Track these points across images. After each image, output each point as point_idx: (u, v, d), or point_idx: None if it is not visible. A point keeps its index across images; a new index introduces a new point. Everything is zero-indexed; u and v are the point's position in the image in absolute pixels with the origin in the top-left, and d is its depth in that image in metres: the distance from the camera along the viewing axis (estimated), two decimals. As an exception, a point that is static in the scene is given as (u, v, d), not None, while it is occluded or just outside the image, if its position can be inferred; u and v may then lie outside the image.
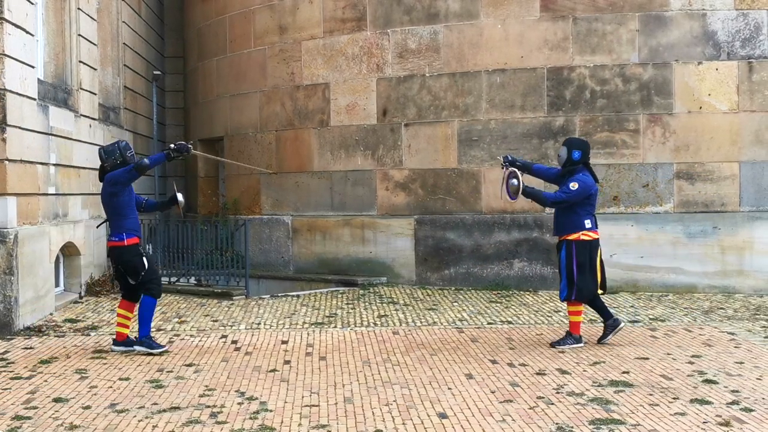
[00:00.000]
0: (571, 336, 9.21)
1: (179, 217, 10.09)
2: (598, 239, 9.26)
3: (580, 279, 9.07)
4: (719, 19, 13.20)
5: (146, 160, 9.05)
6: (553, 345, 9.15)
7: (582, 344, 9.20)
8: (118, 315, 9.27)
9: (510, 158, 9.57)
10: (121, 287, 9.40)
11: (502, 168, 9.55)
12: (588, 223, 9.16)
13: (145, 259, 9.05)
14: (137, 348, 9.05)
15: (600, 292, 9.32)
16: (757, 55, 13.16)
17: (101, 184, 9.24)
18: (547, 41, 13.57)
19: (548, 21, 13.56)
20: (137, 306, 9.31)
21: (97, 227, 12.36)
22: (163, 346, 9.15)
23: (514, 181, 9.24)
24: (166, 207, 10.17)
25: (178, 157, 9.33)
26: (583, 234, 9.12)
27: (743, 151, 13.21)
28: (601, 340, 9.39)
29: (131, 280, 9.12)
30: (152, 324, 10.76)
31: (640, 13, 13.32)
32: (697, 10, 13.22)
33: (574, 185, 9.06)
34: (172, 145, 9.23)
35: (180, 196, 9.62)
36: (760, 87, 13.15)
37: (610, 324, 9.40)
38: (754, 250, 13.12)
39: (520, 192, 9.18)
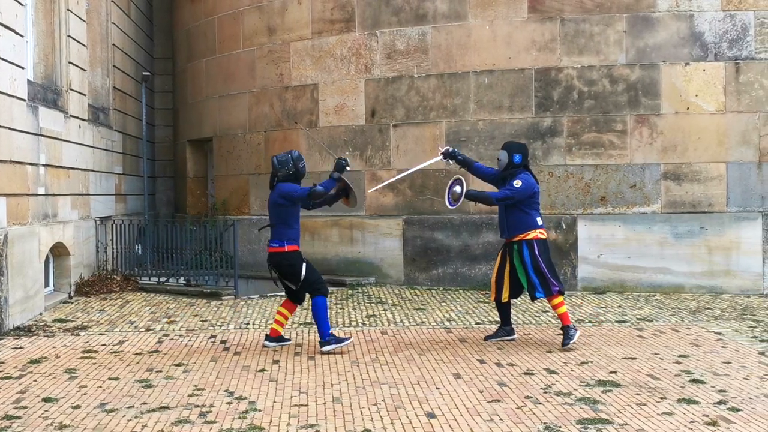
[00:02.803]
0: (570, 328, 9.18)
1: (349, 207, 10.00)
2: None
3: (551, 272, 9.18)
4: (706, 20, 13.26)
5: (320, 187, 9.05)
6: (564, 345, 9.07)
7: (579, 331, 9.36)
8: (277, 312, 9.51)
9: (451, 150, 9.77)
10: (285, 290, 9.56)
11: (442, 161, 9.80)
12: (539, 221, 9.32)
13: (305, 264, 9.16)
14: (326, 348, 9.00)
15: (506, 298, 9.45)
16: (744, 56, 13.24)
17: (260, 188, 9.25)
18: (534, 42, 13.62)
19: (536, 22, 13.61)
20: (297, 308, 9.67)
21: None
22: (349, 338, 9.24)
23: (457, 188, 9.34)
24: (332, 201, 9.81)
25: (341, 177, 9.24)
26: (539, 232, 9.26)
27: (730, 151, 13.27)
28: (488, 338, 9.58)
29: (291, 284, 9.27)
30: (141, 324, 10.82)
31: (628, 14, 13.38)
32: (685, 12, 13.29)
33: (518, 183, 9.20)
34: (338, 168, 9.16)
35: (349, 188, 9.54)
36: (747, 88, 13.22)
37: (508, 330, 9.59)
38: (740, 251, 13.19)
39: (462, 198, 9.28)
